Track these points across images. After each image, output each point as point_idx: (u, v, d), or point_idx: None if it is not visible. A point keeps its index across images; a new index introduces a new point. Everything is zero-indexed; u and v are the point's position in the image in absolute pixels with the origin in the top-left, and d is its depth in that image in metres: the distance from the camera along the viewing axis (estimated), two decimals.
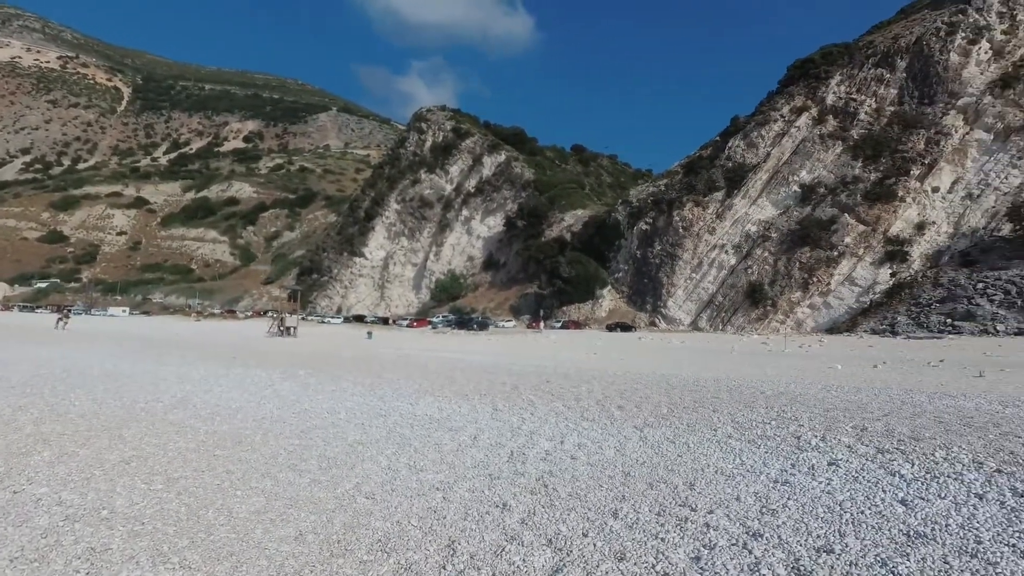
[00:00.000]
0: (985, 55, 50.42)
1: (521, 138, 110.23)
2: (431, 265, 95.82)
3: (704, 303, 57.51)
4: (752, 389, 13.63)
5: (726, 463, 7.15)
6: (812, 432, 8.60)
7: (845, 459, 7.19)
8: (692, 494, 5.94)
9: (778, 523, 5.06)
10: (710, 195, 58.95)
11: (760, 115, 59.46)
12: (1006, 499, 5.67)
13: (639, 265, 64.58)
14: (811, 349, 34.79)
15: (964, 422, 9.26)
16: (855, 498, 5.76)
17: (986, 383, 16.83)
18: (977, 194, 47.83)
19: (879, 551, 4.44)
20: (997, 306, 40.09)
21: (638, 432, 8.93)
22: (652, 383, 14.82)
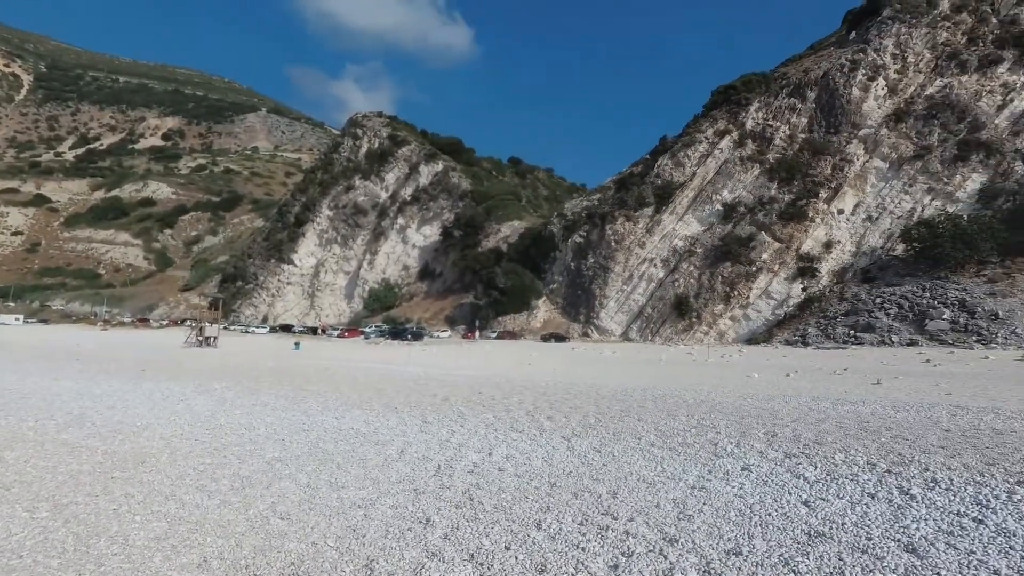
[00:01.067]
0: (882, 91, 55.69)
1: (459, 148, 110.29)
2: (364, 274, 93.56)
3: (635, 314, 59.43)
4: (676, 398, 14.17)
5: (648, 471, 7.36)
6: (728, 439, 9.03)
7: (757, 464, 7.59)
8: (615, 502, 6.07)
9: (693, 528, 5.26)
10: (640, 210, 61.25)
11: (687, 136, 62.64)
12: (894, 497, 6.17)
13: (573, 277, 65.95)
14: (732, 359, 36.64)
15: (861, 426, 10.04)
16: (764, 501, 6.08)
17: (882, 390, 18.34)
18: (875, 216, 52.50)
19: (783, 551, 4.70)
20: (892, 319, 44.01)
21: (566, 442, 9.04)
22: (582, 393, 15.08)
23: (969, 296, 41.32)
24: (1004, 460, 7.55)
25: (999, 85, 52.76)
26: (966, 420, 10.97)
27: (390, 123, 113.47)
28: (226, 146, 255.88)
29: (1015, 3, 54.24)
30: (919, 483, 6.63)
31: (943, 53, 54.79)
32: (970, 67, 53.42)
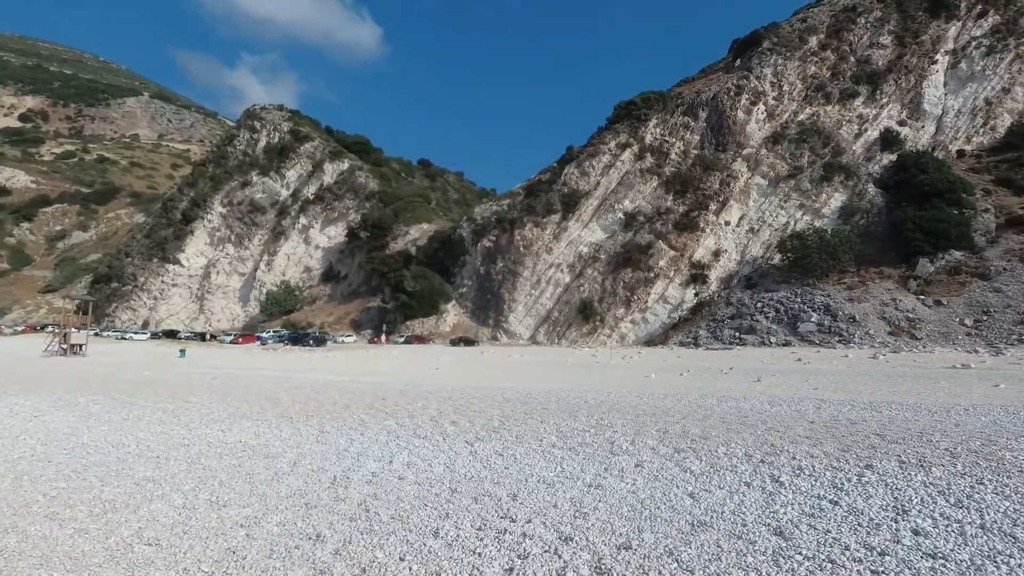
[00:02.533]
0: (762, 115, 61.36)
1: (366, 147, 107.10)
2: (262, 276, 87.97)
3: (542, 318, 60.76)
4: (578, 399, 14.61)
5: (548, 472, 7.49)
6: (624, 437, 9.43)
7: (649, 460, 7.98)
8: (514, 505, 6.10)
9: (588, 526, 5.40)
10: (548, 217, 62.83)
11: (592, 147, 65.19)
12: (766, 485, 6.74)
13: (482, 281, 66.23)
14: (632, 360, 38.49)
15: (742, 421, 10.90)
16: (654, 495, 6.40)
17: (761, 387, 20.09)
18: (757, 228, 57.65)
19: (668, 542, 4.96)
20: (771, 322, 48.49)
21: (469, 447, 8.99)
22: (488, 397, 15.12)
23: (832, 301, 46.45)
24: (856, 447, 8.51)
25: (856, 116, 60.00)
26: (827, 412, 12.27)
27: (292, 117, 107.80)
28: (100, 132, 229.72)
29: (868, 45, 62.02)
30: (787, 471, 7.29)
31: (812, 84, 61.39)
32: (833, 98, 60.28)
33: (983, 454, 7.93)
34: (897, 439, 9.02)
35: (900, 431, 9.73)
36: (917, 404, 13.88)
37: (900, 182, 53.28)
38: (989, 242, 46.66)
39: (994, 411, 12.42)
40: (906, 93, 60.71)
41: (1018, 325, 37.95)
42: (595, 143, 65.33)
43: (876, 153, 59.03)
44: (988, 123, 60.37)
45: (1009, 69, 59.98)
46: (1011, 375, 23.78)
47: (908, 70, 60.57)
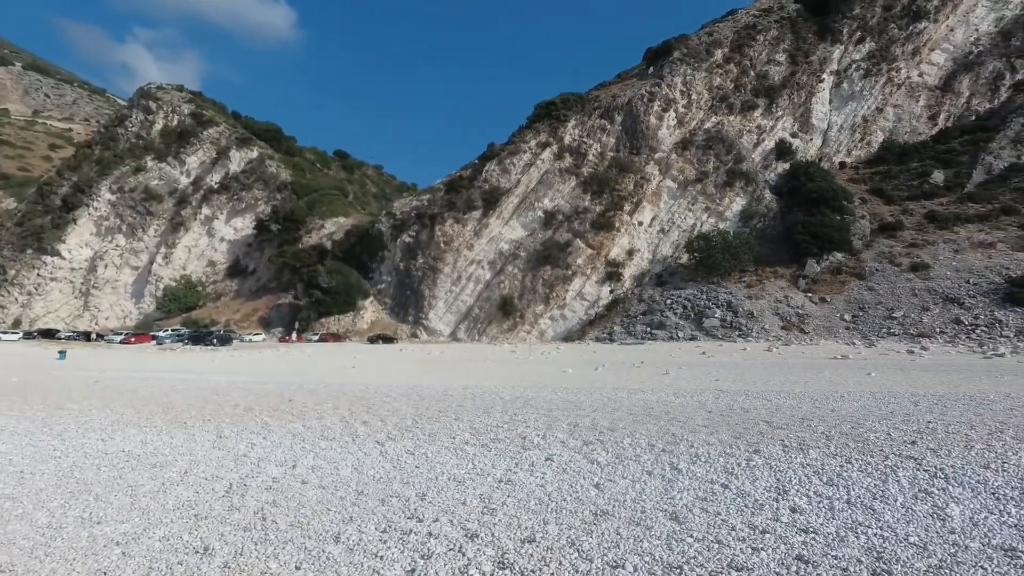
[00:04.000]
0: (672, 122, 64.70)
1: (277, 135, 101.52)
2: (159, 270, 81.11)
3: (463, 315, 60.59)
4: (494, 396, 14.69)
5: (460, 469, 7.45)
6: (536, 432, 9.59)
7: (559, 453, 8.16)
8: (422, 505, 6.01)
9: (495, 521, 5.42)
10: (469, 213, 62.68)
11: (512, 145, 65.78)
12: (666, 473, 7.09)
13: (402, 277, 64.97)
14: (551, 356, 39.29)
15: (647, 412, 11.43)
16: (561, 488, 6.54)
17: (669, 379, 21.18)
18: (667, 229, 60.78)
19: (571, 532, 5.08)
20: (679, 317, 51.35)
21: (380, 447, 8.76)
22: (403, 395, 14.84)
23: (733, 298, 49.92)
24: (747, 433, 9.17)
25: (755, 126, 64.75)
26: (724, 402, 13.14)
27: (194, 99, 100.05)
28: None
29: (766, 62, 67.09)
30: (685, 458, 7.72)
31: (717, 95, 65.51)
32: (736, 109, 64.69)
33: (852, 436, 8.81)
34: (782, 425, 9.82)
35: (785, 418, 10.60)
36: (802, 392, 15.21)
37: (792, 189, 58.14)
38: (865, 245, 52.05)
39: (864, 397, 13.85)
40: (798, 108, 66.27)
41: (887, 320, 42.63)
42: (516, 141, 65.97)
43: (772, 161, 63.99)
44: (865, 138, 67.23)
45: (882, 91, 67.12)
46: (881, 364, 26.68)
47: (800, 87, 66.15)
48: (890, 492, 6.14)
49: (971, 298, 41.96)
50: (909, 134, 66.40)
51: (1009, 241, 47.47)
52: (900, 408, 11.77)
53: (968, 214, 52.35)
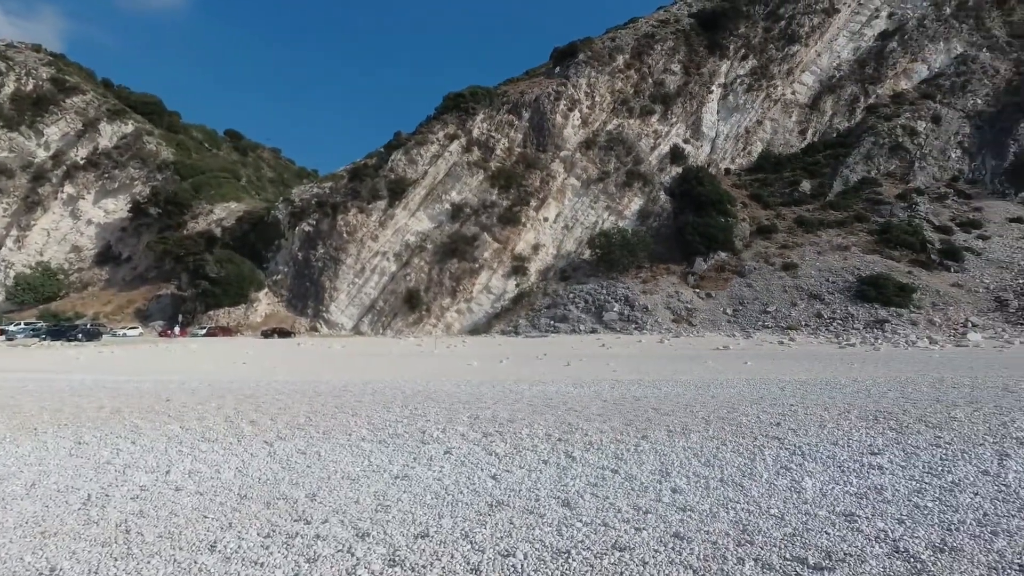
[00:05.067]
0: (577, 121, 66.82)
1: (157, 109, 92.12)
2: (9, 255, 70.88)
3: (366, 308, 58.75)
4: (396, 390, 14.39)
5: (355, 466, 7.21)
6: (436, 425, 9.51)
7: (458, 446, 8.15)
8: (312, 505, 5.74)
9: (388, 519, 5.30)
10: (374, 203, 60.78)
11: (420, 135, 64.60)
12: (561, 461, 7.32)
13: (301, 268, 61.72)
14: (456, 349, 39.22)
15: (546, 403, 11.74)
16: (459, 481, 6.53)
17: (570, 370, 21.93)
18: (571, 226, 62.77)
19: (466, 525, 5.09)
20: (581, 311, 53.33)
21: (268, 447, 8.26)
22: (297, 392, 14.11)
23: (630, 293, 52.66)
24: (637, 420, 9.71)
25: (652, 131, 68.56)
26: (619, 391, 13.83)
27: (55, 62, 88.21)
28: None
29: (662, 70, 71.18)
30: (580, 446, 8.02)
31: (618, 98, 68.54)
32: (635, 113, 68.08)
33: (728, 420, 9.62)
34: (668, 411, 10.50)
35: (672, 404, 11.35)
36: (688, 381, 16.37)
37: (684, 192, 62.27)
38: (744, 246, 56.98)
39: (740, 384, 15.17)
40: (690, 116, 70.99)
41: (763, 314, 47.02)
42: (424, 132, 64.92)
43: (667, 165, 68.10)
44: (746, 148, 73.51)
45: (762, 105, 73.68)
46: (756, 354, 29.41)
47: (691, 96, 70.88)
48: (757, 469, 6.77)
49: (830, 295, 47.42)
50: (783, 146, 73.52)
51: (861, 245, 54.17)
52: (769, 393, 13.03)
53: (829, 220, 59.03)
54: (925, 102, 70.87)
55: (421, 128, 66.13)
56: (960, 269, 49.58)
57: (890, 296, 44.60)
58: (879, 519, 5.11)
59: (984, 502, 5.55)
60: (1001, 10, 78.28)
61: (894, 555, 4.34)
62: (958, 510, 5.33)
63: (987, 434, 8.38)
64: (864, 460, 7.11)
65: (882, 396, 12.28)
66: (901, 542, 4.58)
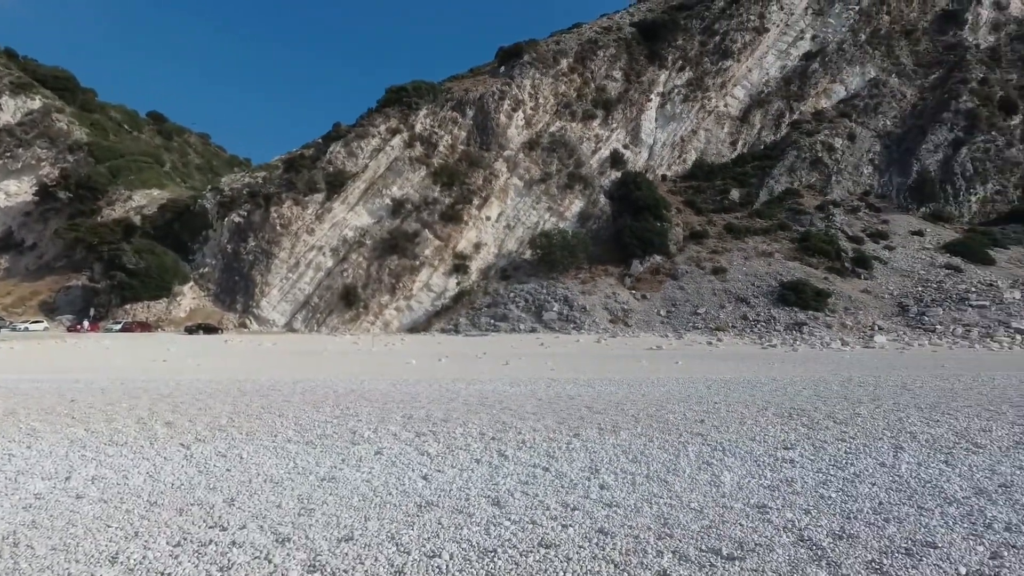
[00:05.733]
0: (521, 122, 67.26)
1: (70, 85, 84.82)
2: None
3: (300, 304, 56.69)
4: (327, 389, 13.95)
5: (279, 469, 6.93)
6: (368, 425, 9.30)
7: (389, 447, 7.99)
8: (229, 511, 5.45)
9: (311, 523, 5.12)
10: (311, 196, 58.70)
11: (361, 128, 62.96)
12: (493, 460, 7.33)
13: (230, 260, 58.70)
14: (394, 347, 38.51)
15: (482, 402, 11.73)
16: (388, 482, 6.41)
17: (508, 369, 22.01)
18: (513, 225, 63.11)
19: (392, 527, 4.99)
20: (521, 310, 53.74)
21: (184, 450, 7.79)
22: (221, 391, 13.40)
23: (569, 293, 53.58)
24: (570, 419, 9.88)
25: (593, 135, 70.02)
26: (554, 390, 14.02)
27: None
28: None
29: (604, 76, 72.88)
30: (513, 445, 8.06)
31: (562, 101, 69.53)
32: (577, 117, 69.29)
33: (656, 417, 9.96)
34: (601, 410, 10.75)
35: (604, 403, 11.63)
36: (621, 379, 16.82)
37: (623, 196, 63.98)
38: (678, 250, 59.26)
39: (670, 383, 15.75)
40: (630, 122, 73.04)
41: (693, 315, 49.06)
42: (365, 124, 63.36)
43: (607, 169, 69.77)
44: (682, 156, 76.46)
45: (697, 116, 76.86)
46: (687, 354, 30.64)
47: (632, 103, 72.94)
48: (680, 465, 7.04)
49: (755, 298, 50.13)
50: (716, 156, 76.99)
51: (783, 252, 57.59)
52: (696, 392, 13.61)
53: (755, 227, 62.37)
54: (842, 120, 76.21)
55: (362, 120, 64.49)
56: (869, 276, 53.72)
57: (808, 300, 47.68)
58: (788, 510, 5.44)
59: (880, 492, 6.03)
60: (908, 40, 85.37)
61: (799, 543, 4.63)
62: (857, 499, 5.76)
63: (886, 429, 9.11)
64: (778, 454, 7.55)
65: (797, 394, 13.09)
66: (806, 531, 4.89)
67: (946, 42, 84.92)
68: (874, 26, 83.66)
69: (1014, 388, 14.23)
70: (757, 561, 4.31)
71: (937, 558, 4.38)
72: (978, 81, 77.15)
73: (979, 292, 48.51)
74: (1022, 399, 12.30)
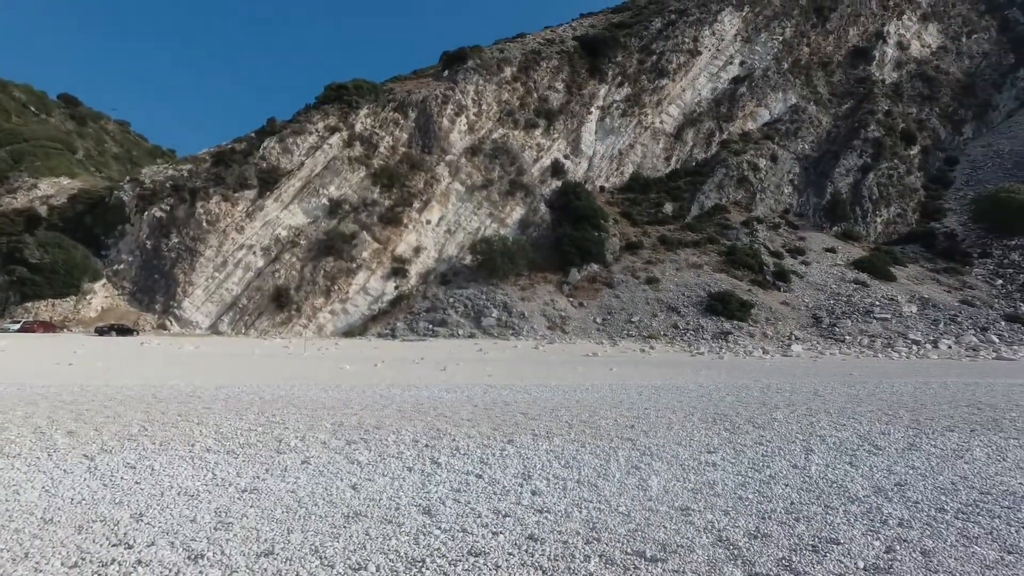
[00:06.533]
0: (464, 127, 67.18)
1: None
2: None
3: (227, 305, 53.81)
4: (253, 395, 13.30)
5: (195, 481, 6.52)
6: (295, 433, 8.93)
7: (318, 455, 7.71)
8: (137, 527, 5.08)
9: (229, 537, 4.85)
10: (241, 192, 55.95)
11: (297, 124, 60.77)
12: (426, 467, 7.23)
13: (149, 258, 54.89)
14: (328, 351, 37.27)
15: (417, 408, 11.55)
16: (315, 492, 6.17)
17: (445, 375, 21.81)
18: (453, 230, 62.80)
19: (317, 539, 4.81)
20: (460, 316, 53.45)
21: (88, 462, 7.19)
22: (133, 398, 12.48)
23: (509, 299, 53.85)
24: (505, 425, 9.91)
25: (535, 144, 70.98)
26: (491, 396, 14.02)
27: None
28: None
29: (547, 87, 74.17)
30: (447, 452, 7.99)
31: (505, 109, 70.07)
32: (520, 125, 70.03)
33: (589, 423, 10.17)
34: (536, 416, 10.85)
35: (540, 409, 11.75)
36: (557, 385, 17.06)
37: (563, 205, 65.16)
38: (615, 260, 60.94)
39: (604, 389, 16.13)
40: (571, 133, 74.61)
41: (628, 323, 50.54)
42: (302, 121, 61.25)
43: (548, 178, 70.86)
44: (619, 168, 78.87)
45: (634, 131, 79.58)
46: (622, 361, 31.50)
47: (572, 115, 74.58)
48: (610, 470, 7.21)
49: (685, 307, 52.30)
50: (651, 170, 79.96)
51: (712, 264, 60.47)
52: (628, 397, 14.00)
53: (687, 240, 65.17)
54: (766, 142, 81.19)
55: (299, 117, 62.32)
56: (788, 289, 57.32)
57: (733, 311, 50.26)
58: (709, 512, 5.69)
59: (792, 492, 6.42)
60: (825, 71, 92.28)
61: (717, 544, 4.85)
62: (772, 500, 6.11)
63: (799, 433, 9.73)
64: (702, 458, 7.89)
65: (721, 400, 13.75)
66: (724, 531, 5.13)
67: (857, 75, 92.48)
68: (795, 56, 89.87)
69: (909, 394, 15.58)
70: (678, 562, 4.47)
71: (839, 554, 4.70)
72: (884, 113, 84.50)
73: (882, 306, 52.86)
74: (916, 404, 13.48)
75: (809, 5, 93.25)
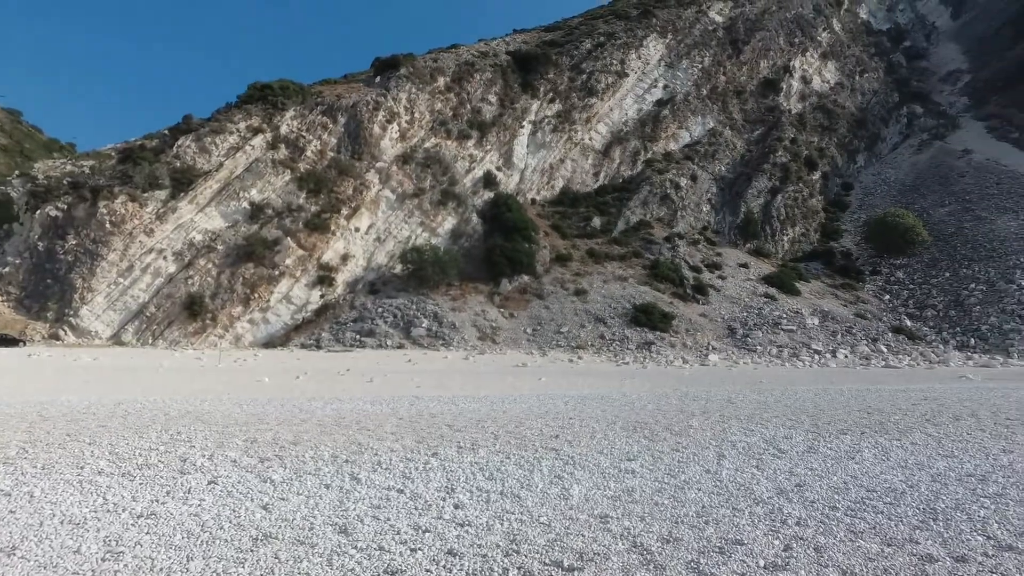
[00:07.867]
0: (396, 135, 66.28)
1: None
2: None
3: (133, 313, 49.70)
4: (157, 411, 12.33)
5: (82, 507, 5.93)
6: (202, 452, 8.35)
7: (226, 475, 7.24)
8: (8, 563, 4.55)
9: (118, 568, 4.45)
10: (151, 192, 52.09)
11: (216, 122, 57.51)
12: (344, 484, 6.97)
13: (41, 261, 49.80)
14: (246, 363, 35.27)
15: (338, 422, 11.14)
16: (221, 515, 5.78)
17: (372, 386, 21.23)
18: (383, 238, 61.56)
19: (220, 565, 4.50)
20: (389, 326, 52.28)
21: None
22: (14, 415, 11.22)
23: (439, 309, 53.34)
24: (429, 438, 9.75)
25: (468, 154, 71.18)
26: (416, 408, 13.77)
27: None
28: None
29: (480, 99, 74.77)
30: (367, 467, 7.74)
31: (437, 118, 69.87)
32: (453, 135, 70.03)
33: (515, 434, 10.21)
34: (462, 427, 10.76)
35: (466, 421, 11.67)
36: (485, 396, 17.02)
37: (494, 216, 65.58)
38: (545, 271, 61.96)
39: (532, 399, 16.27)
40: (503, 145, 75.48)
41: (557, 334, 51.41)
42: (222, 119, 58.13)
43: (480, 189, 71.14)
44: (550, 182, 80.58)
45: (565, 146, 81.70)
46: (550, 371, 31.93)
47: (505, 128, 75.55)
48: (534, 480, 7.26)
49: (611, 319, 53.95)
50: (581, 184, 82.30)
51: (637, 277, 62.86)
52: (554, 407, 14.20)
53: (613, 254, 67.41)
54: (687, 163, 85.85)
55: (218, 115, 59.08)
56: (706, 302, 60.55)
57: (656, 322, 52.40)
58: (626, 518, 5.85)
59: (704, 496, 6.73)
60: (739, 99, 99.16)
61: (632, 550, 4.99)
62: (685, 504, 6.37)
63: (712, 439, 10.24)
64: (622, 466, 8.12)
65: (642, 408, 14.24)
66: (639, 537, 5.29)
67: (767, 104, 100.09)
68: (713, 83, 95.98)
69: (810, 400, 16.83)
70: (594, 570, 4.56)
71: (743, 553, 4.97)
72: (790, 140, 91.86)
73: (788, 318, 56.96)
74: (816, 409, 14.58)
75: (725, 37, 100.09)
